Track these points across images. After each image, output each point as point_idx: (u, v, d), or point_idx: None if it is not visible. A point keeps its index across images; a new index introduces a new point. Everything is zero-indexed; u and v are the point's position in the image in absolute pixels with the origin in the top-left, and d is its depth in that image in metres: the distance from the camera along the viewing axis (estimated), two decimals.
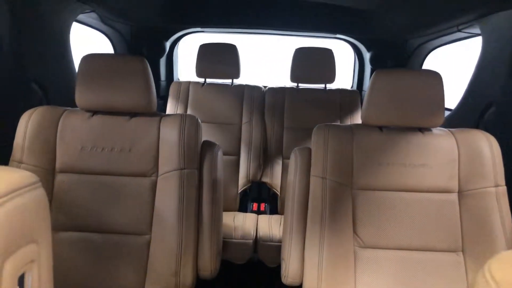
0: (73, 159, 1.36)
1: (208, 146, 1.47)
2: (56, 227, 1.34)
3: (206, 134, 2.33)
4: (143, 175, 1.38)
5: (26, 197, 0.42)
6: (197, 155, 1.41)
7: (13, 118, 1.36)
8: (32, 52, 1.57)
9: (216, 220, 1.46)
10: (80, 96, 1.36)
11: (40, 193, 0.45)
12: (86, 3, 1.81)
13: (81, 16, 1.95)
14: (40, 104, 1.41)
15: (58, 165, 1.37)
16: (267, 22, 2.50)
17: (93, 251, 1.34)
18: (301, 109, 2.41)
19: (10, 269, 0.38)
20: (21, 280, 0.40)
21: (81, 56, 1.38)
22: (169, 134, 1.38)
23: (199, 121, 1.44)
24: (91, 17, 2.09)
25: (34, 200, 0.44)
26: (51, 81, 1.68)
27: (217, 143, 1.53)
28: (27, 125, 1.33)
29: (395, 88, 1.33)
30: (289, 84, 2.54)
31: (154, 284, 1.33)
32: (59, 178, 1.36)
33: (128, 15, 2.28)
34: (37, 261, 0.43)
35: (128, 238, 1.35)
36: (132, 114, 1.41)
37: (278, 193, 2.33)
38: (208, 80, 2.49)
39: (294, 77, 2.45)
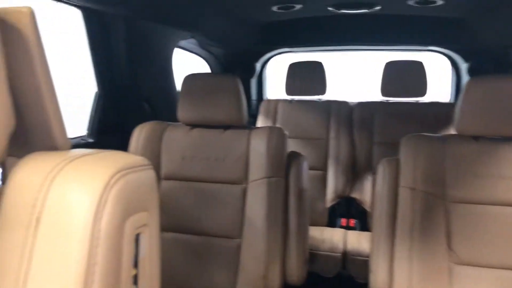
0: (175, 167, 1.52)
1: (293, 156, 1.54)
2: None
3: (294, 149, 2.38)
4: (235, 182, 1.48)
5: (141, 174, 0.53)
6: (283, 164, 1.48)
7: (127, 131, 1.57)
8: (142, 74, 1.81)
9: (303, 228, 1.50)
10: (182, 112, 1.53)
11: (151, 172, 0.55)
12: (187, 30, 2.03)
13: (181, 42, 2.18)
14: (149, 119, 1.61)
15: (163, 172, 1.54)
16: (356, 38, 2.51)
17: (191, 251, 1.47)
18: (391, 124, 2.35)
19: (130, 226, 0.49)
20: (136, 239, 0.50)
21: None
22: (258, 145, 1.47)
23: (286, 132, 1.51)
24: (190, 42, 2.33)
25: (147, 177, 0.54)
26: (157, 99, 1.90)
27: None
28: (139, 137, 1.53)
29: (491, 96, 1.26)
30: (379, 98, 2.50)
31: (245, 286, 1.40)
32: (164, 184, 1.53)
33: (223, 41, 2.48)
34: (149, 227, 0.53)
35: (222, 241, 1.46)
36: (226, 127, 1.54)
37: (368, 209, 2.28)
38: (296, 97, 2.56)
39: (385, 91, 2.40)
